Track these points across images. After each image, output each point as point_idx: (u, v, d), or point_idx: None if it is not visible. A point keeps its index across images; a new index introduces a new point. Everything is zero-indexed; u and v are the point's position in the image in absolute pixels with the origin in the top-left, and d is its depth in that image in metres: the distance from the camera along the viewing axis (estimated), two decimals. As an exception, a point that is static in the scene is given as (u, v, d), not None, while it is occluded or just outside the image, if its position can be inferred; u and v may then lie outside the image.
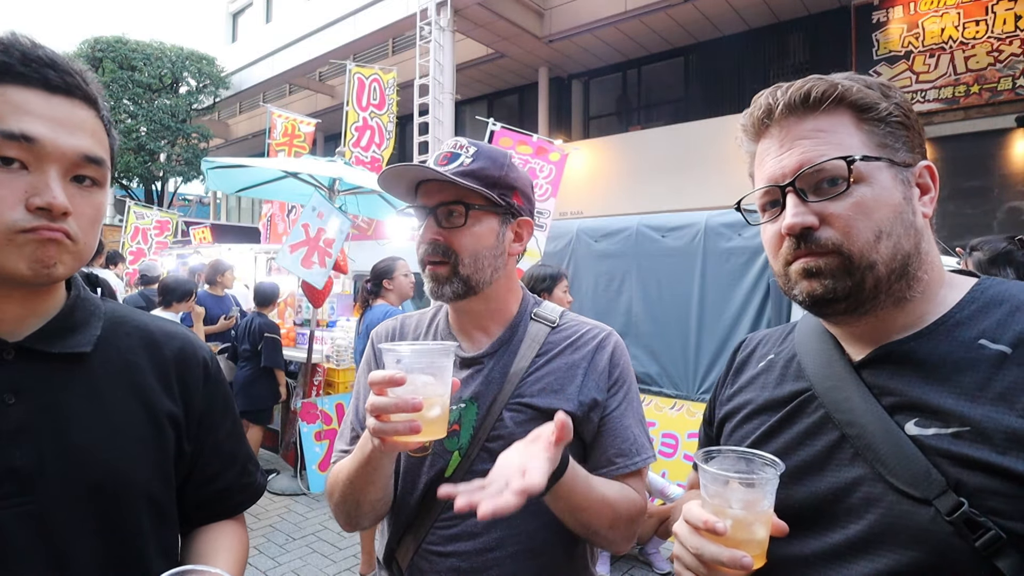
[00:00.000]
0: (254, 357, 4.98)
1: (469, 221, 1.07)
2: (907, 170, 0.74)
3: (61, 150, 0.70)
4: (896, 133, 0.74)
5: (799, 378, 0.83)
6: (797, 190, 0.73)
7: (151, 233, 9.80)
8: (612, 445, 1.10)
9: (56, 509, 0.73)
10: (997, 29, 8.54)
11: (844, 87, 0.73)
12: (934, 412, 0.68)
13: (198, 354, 0.92)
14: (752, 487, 0.69)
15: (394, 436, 0.84)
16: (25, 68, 0.69)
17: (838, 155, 0.71)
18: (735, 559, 0.66)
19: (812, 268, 0.73)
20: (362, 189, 5.28)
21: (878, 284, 0.71)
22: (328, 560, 3.76)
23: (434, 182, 1.09)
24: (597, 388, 1.11)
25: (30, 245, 0.69)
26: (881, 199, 0.71)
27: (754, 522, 0.69)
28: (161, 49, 17.73)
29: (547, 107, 13.16)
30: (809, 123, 0.74)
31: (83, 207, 0.73)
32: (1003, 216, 8.47)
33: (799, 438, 0.79)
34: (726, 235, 4.16)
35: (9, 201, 0.67)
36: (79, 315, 0.81)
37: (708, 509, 0.70)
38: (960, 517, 0.63)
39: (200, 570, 0.65)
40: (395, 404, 0.82)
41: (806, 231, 0.72)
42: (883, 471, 0.69)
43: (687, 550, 0.70)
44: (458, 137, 1.13)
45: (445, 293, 1.08)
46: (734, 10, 10.75)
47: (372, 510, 1.06)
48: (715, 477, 0.71)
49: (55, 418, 0.75)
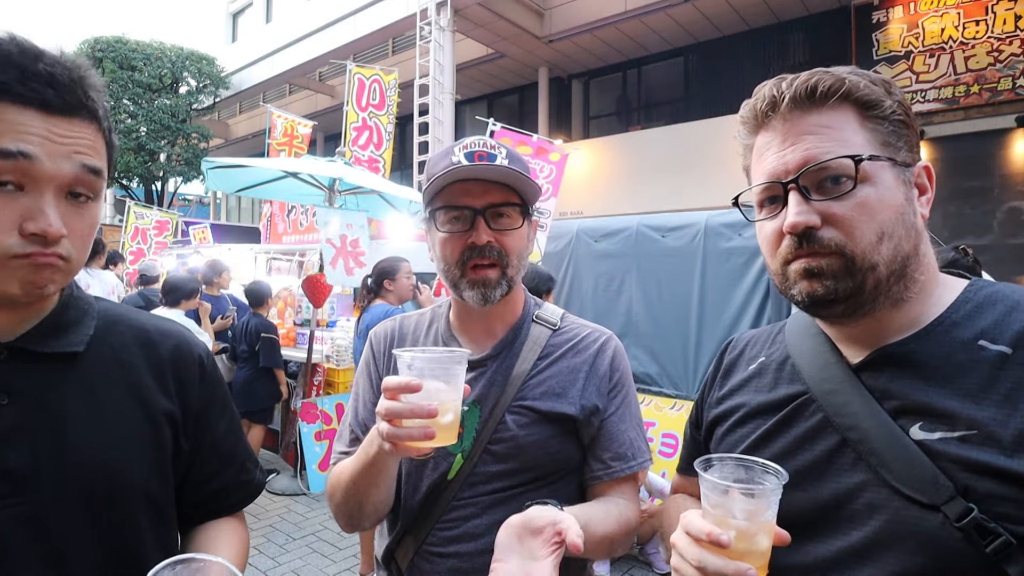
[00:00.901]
0: (252, 357, 4.99)
1: (523, 223, 1.09)
2: (908, 170, 0.73)
3: (58, 170, 0.69)
4: (898, 132, 0.73)
5: (794, 381, 0.81)
6: (800, 187, 0.71)
7: (151, 233, 9.81)
8: (609, 448, 1.11)
9: (52, 509, 0.72)
10: (997, 29, 8.53)
11: (851, 83, 0.71)
12: (939, 415, 0.66)
13: (194, 352, 0.91)
14: (755, 497, 0.67)
15: (408, 441, 0.84)
16: (23, 88, 0.66)
17: (844, 152, 0.70)
18: (740, 572, 0.64)
19: (814, 268, 0.71)
20: (362, 189, 5.28)
21: (878, 286, 0.70)
22: (328, 560, 3.76)
23: (476, 182, 1.05)
24: (598, 393, 1.12)
25: (24, 269, 0.68)
26: (885, 200, 0.70)
27: (757, 533, 0.67)
28: (161, 49, 17.72)
29: (547, 107, 13.16)
30: (813, 118, 0.72)
31: (77, 224, 0.72)
32: (1003, 216, 8.47)
33: (797, 443, 0.77)
34: (726, 235, 4.16)
35: (3, 225, 0.66)
36: (72, 314, 0.81)
37: (710, 520, 0.68)
38: (970, 523, 0.61)
39: (201, 558, 0.65)
40: (411, 410, 0.82)
41: (808, 230, 0.71)
42: (887, 476, 0.68)
43: (688, 562, 0.68)
44: (480, 137, 1.11)
45: (495, 297, 1.07)
46: (734, 10, 10.75)
47: (375, 511, 1.06)
48: (716, 486, 0.68)
49: (49, 418, 0.74)
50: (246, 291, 5.36)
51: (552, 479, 1.10)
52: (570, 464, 1.12)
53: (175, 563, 0.64)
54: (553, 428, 1.08)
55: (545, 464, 1.08)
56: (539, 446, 1.07)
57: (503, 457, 1.07)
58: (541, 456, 1.08)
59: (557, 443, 1.09)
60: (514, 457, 1.07)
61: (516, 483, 1.07)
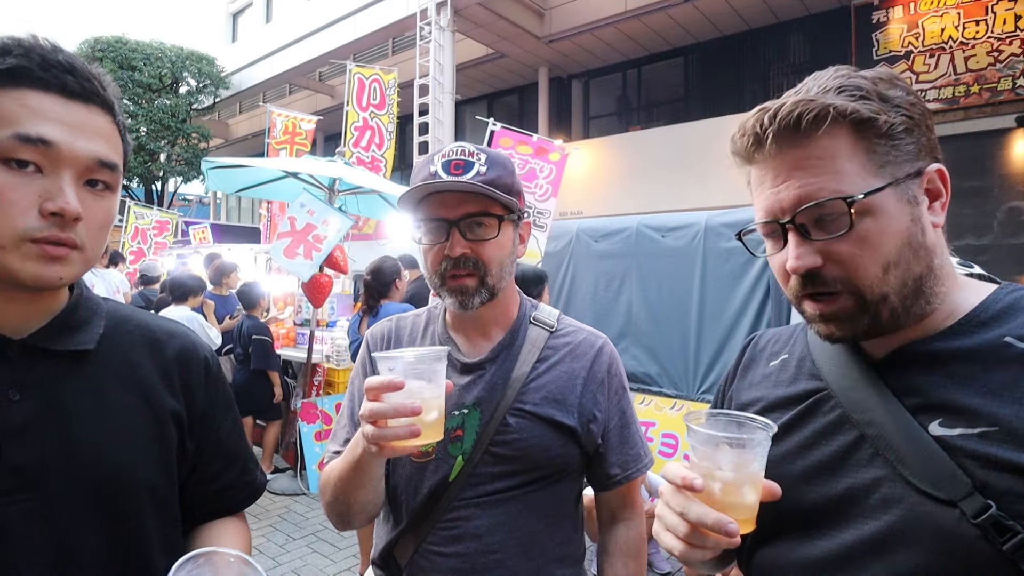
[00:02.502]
0: (247, 360, 5.01)
1: (500, 232, 1.08)
2: (914, 181, 0.70)
3: (76, 154, 0.71)
4: (901, 143, 0.69)
5: (813, 376, 0.81)
6: (798, 226, 0.69)
7: (151, 233, 9.81)
8: (614, 459, 1.16)
9: (60, 505, 0.73)
10: (997, 29, 8.53)
11: (837, 108, 0.67)
12: (959, 412, 0.66)
13: (199, 353, 0.92)
14: (743, 447, 0.68)
15: (393, 441, 0.84)
16: (44, 73, 0.69)
17: (837, 188, 0.67)
18: (720, 523, 0.64)
19: (827, 314, 0.71)
20: (362, 189, 5.28)
21: (894, 313, 0.69)
22: (328, 560, 3.76)
23: (452, 193, 1.06)
24: (595, 401, 1.14)
25: (34, 258, 0.69)
26: (888, 230, 0.67)
27: (743, 484, 0.68)
28: (161, 49, 17.73)
29: (547, 107, 13.16)
30: (802, 150, 0.69)
31: (94, 211, 0.74)
32: (1003, 216, 8.47)
33: (813, 437, 0.76)
34: (726, 235, 4.16)
35: (23, 205, 0.68)
36: (82, 313, 0.82)
37: (697, 472, 0.68)
38: (987, 520, 0.61)
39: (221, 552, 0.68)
40: (394, 409, 0.83)
41: (812, 271, 0.69)
42: (905, 472, 0.67)
43: (671, 509, 0.68)
44: (460, 143, 1.11)
45: (474, 305, 1.07)
46: (734, 10, 10.75)
47: (363, 511, 1.07)
48: (706, 439, 0.69)
49: (59, 415, 0.75)
50: (238, 293, 5.37)
51: (553, 480, 1.11)
52: (570, 466, 1.13)
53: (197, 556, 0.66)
54: (554, 432, 1.09)
55: (546, 466, 1.09)
56: (541, 448, 1.08)
57: (505, 459, 1.07)
58: (542, 458, 1.09)
59: (558, 446, 1.10)
60: (516, 459, 1.08)
61: (517, 484, 1.08)
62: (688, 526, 0.67)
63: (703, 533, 0.66)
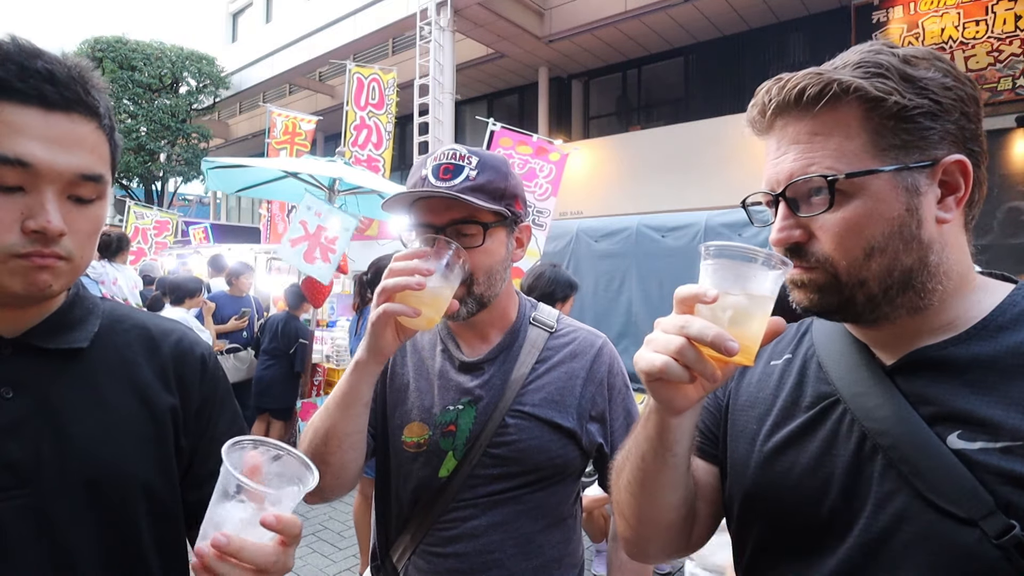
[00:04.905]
0: (284, 357, 4.95)
1: (486, 240, 1.05)
2: (920, 172, 0.65)
3: (57, 171, 0.69)
4: (914, 129, 0.64)
5: (821, 381, 0.76)
6: (787, 200, 0.69)
7: (151, 233, 9.82)
8: None
9: (54, 502, 0.74)
10: (997, 29, 8.53)
11: (841, 84, 0.64)
12: (980, 423, 0.61)
13: (195, 350, 0.92)
14: (759, 275, 0.63)
15: (404, 291, 0.88)
16: (22, 84, 0.67)
17: (831, 166, 0.65)
18: (721, 336, 0.58)
19: (799, 280, 0.69)
20: (362, 189, 5.28)
21: (872, 300, 0.67)
22: (328, 560, 3.76)
23: (440, 198, 1.03)
24: (593, 402, 1.14)
25: (24, 271, 0.69)
26: (875, 213, 0.65)
27: (755, 312, 0.63)
28: (161, 49, 17.75)
29: (547, 107, 13.16)
30: (806, 123, 0.67)
31: (80, 223, 0.73)
32: (1003, 216, 8.47)
33: (823, 447, 0.72)
34: (726, 235, 4.17)
35: (5, 223, 0.67)
36: (77, 312, 0.82)
37: (707, 310, 0.63)
38: (1011, 541, 0.57)
39: (267, 441, 0.73)
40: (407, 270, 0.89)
41: (795, 244, 0.68)
42: (921, 486, 0.63)
43: (664, 332, 0.63)
44: (454, 145, 1.09)
45: (460, 315, 1.05)
46: (734, 10, 10.75)
47: (338, 447, 1.00)
48: (723, 258, 0.64)
49: (52, 412, 0.75)
50: (286, 292, 5.32)
51: (552, 481, 1.11)
52: (569, 467, 1.13)
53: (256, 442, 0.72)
54: (553, 433, 1.09)
55: (546, 467, 1.09)
56: (540, 450, 1.08)
57: (504, 460, 1.07)
58: (542, 459, 1.08)
59: (557, 447, 1.10)
60: (515, 460, 1.07)
61: (516, 485, 1.08)
62: (683, 341, 0.61)
63: (698, 349, 0.61)
